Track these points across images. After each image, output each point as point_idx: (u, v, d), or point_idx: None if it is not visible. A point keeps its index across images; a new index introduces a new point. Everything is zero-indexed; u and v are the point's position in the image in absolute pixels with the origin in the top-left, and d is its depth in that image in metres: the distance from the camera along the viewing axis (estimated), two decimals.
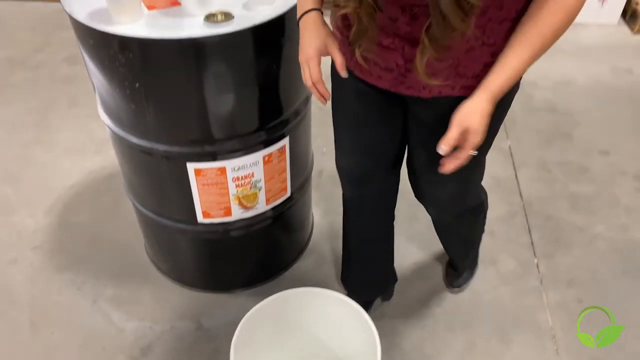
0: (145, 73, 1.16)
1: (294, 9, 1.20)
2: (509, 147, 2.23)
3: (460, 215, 1.39)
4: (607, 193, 2.03)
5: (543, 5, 0.88)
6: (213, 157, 1.32)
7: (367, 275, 1.58)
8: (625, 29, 3.00)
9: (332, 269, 1.76)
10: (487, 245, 1.81)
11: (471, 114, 0.94)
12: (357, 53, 1.01)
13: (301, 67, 1.06)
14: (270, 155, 1.38)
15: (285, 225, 1.66)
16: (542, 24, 0.89)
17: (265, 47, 1.21)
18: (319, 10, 1.06)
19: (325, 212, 1.96)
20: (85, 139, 2.25)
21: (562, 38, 0.91)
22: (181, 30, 1.13)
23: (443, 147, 0.94)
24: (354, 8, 0.92)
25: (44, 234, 1.86)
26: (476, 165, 1.19)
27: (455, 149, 0.97)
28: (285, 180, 1.49)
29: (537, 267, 1.77)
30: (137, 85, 1.18)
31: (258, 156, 1.36)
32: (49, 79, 2.57)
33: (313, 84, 1.05)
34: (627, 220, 1.92)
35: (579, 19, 0.91)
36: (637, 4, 2.94)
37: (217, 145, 1.30)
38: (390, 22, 0.98)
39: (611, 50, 2.82)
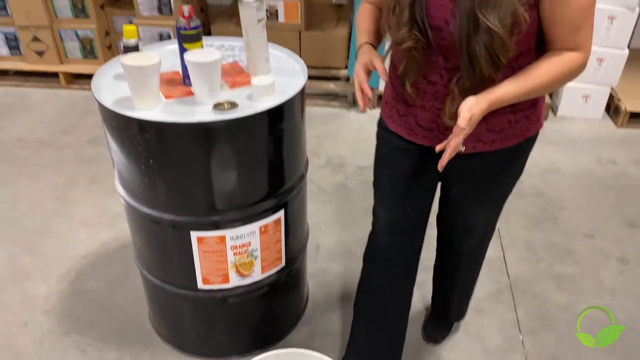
0: (159, 151, 1.34)
1: (290, 100, 1.40)
2: (498, 229, 2.35)
3: (482, 244, 1.58)
4: (592, 274, 2.12)
5: (554, 58, 1.11)
6: (215, 226, 1.47)
7: (379, 337, 1.64)
8: (609, 122, 3.20)
9: (326, 340, 1.84)
10: (474, 321, 1.89)
11: (476, 105, 1.09)
12: (407, 86, 1.22)
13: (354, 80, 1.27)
14: (266, 226, 1.53)
15: (280, 294, 1.76)
16: (545, 71, 1.11)
17: (265, 131, 1.39)
18: (371, 43, 1.29)
19: (321, 284, 2.07)
20: (101, 212, 2.42)
21: (550, 130, 1.12)
22: (192, 116, 1.33)
23: (461, 124, 1.08)
24: (413, 44, 1.13)
25: (55, 300, 1.98)
26: (500, 198, 1.45)
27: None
28: (280, 250, 1.62)
29: (522, 343, 1.83)
30: (151, 161, 1.36)
31: (255, 226, 1.50)
32: (73, 158, 2.79)
33: (359, 89, 1.24)
34: (611, 302, 2.00)
35: (566, 113, 1.13)
36: (619, 100, 3.17)
37: (218, 215, 1.45)
38: (429, 86, 1.21)
39: (596, 142, 3.01)
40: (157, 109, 1.35)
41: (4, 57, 3.49)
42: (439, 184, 1.46)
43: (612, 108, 3.23)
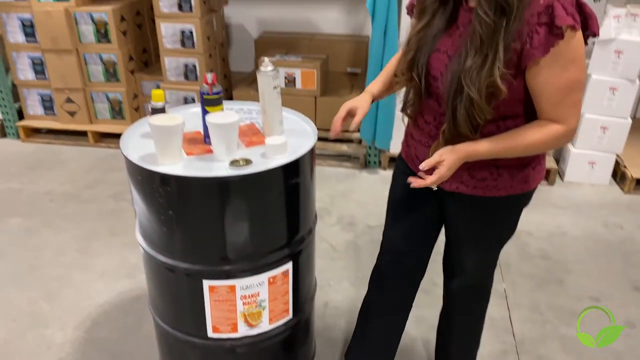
0: (178, 203, 1.46)
1: (300, 159, 1.52)
2: (504, 290, 2.39)
3: (475, 291, 1.66)
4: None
5: (536, 125, 1.23)
6: (226, 275, 1.55)
7: (374, 349, 1.78)
8: (616, 188, 3.27)
9: None
10: None
11: (449, 153, 1.24)
12: (406, 116, 1.45)
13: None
14: (275, 277, 1.61)
15: (287, 347, 1.81)
16: (525, 135, 1.23)
17: (277, 186, 1.51)
18: (372, 94, 1.55)
19: (329, 340, 2.11)
20: (119, 264, 2.52)
21: (558, 194, 1.23)
22: (210, 171, 1.45)
23: (422, 165, 1.26)
24: (405, 81, 1.37)
25: (70, 347, 2.05)
26: (489, 249, 1.54)
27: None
28: (287, 302, 1.69)
29: None
30: (170, 212, 1.47)
31: (264, 277, 1.59)
32: (96, 211, 2.93)
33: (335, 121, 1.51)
34: None
35: (573, 178, 1.25)
36: (625, 167, 3.24)
37: (230, 265, 1.54)
38: (425, 125, 1.40)
39: (603, 207, 3.06)
40: (178, 164, 1.48)
41: (38, 116, 3.74)
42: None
43: (618, 174, 3.31)
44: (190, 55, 3.41)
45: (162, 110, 1.62)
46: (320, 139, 3.41)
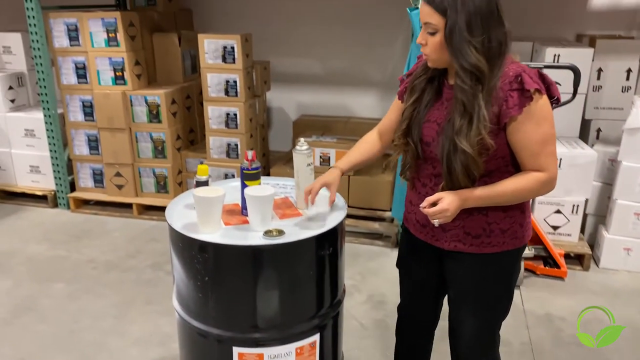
0: (214, 270, 1.55)
1: (330, 231, 1.60)
2: None
3: (472, 350, 1.69)
4: None
5: (521, 174, 1.44)
6: (255, 343, 1.61)
7: None
8: None
9: None
10: None
11: (448, 193, 1.44)
12: (405, 179, 1.64)
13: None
14: (302, 347, 1.65)
15: None
16: (511, 183, 1.44)
17: (307, 257, 1.59)
18: (341, 170, 1.73)
19: None
20: (153, 332, 2.59)
21: (593, 280, 1.30)
22: (245, 240, 1.55)
23: (423, 203, 1.44)
24: (401, 146, 1.57)
25: None
26: (487, 308, 1.63)
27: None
28: None
29: None
30: (206, 278, 1.56)
31: (292, 347, 1.63)
32: (134, 280, 3.05)
33: (307, 193, 1.65)
34: None
35: (608, 265, 1.35)
36: None
37: (259, 333, 1.60)
38: (422, 187, 1.57)
39: None
40: (217, 233, 1.59)
41: (89, 188, 3.99)
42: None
43: None
44: (233, 135, 3.64)
45: (205, 183, 1.76)
46: (352, 216, 3.56)
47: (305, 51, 4.26)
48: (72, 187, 4.04)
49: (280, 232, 1.58)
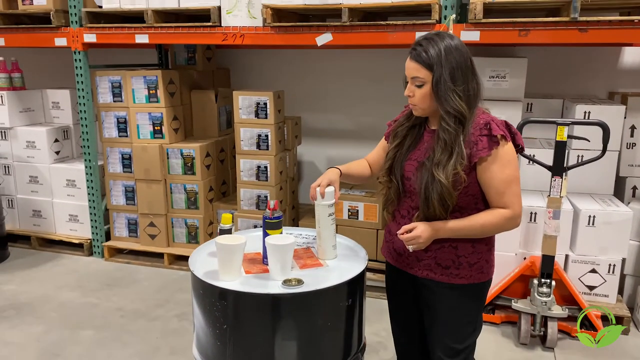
0: (232, 317, 1.57)
1: (349, 282, 1.60)
2: None
3: None
4: None
5: (488, 210, 1.65)
6: None
7: None
8: None
9: None
10: None
11: (422, 224, 1.63)
12: (385, 214, 1.84)
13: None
14: None
15: None
16: (480, 217, 1.64)
17: (325, 307, 1.59)
18: (339, 169, 1.84)
19: None
20: None
21: (633, 344, 1.28)
22: (264, 288, 1.57)
23: (400, 230, 1.65)
24: (385, 183, 1.79)
25: None
26: (455, 333, 1.76)
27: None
28: None
29: None
30: (225, 326, 1.58)
31: None
32: (160, 329, 3.06)
33: (314, 187, 1.76)
34: None
35: None
36: None
37: None
38: (401, 218, 1.75)
39: None
40: (237, 281, 1.61)
41: (123, 238, 4.09)
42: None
43: None
44: (263, 187, 3.71)
45: (229, 232, 1.80)
46: (380, 271, 3.49)
47: (336, 107, 4.37)
48: (108, 236, 4.16)
49: (300, 282, 1.59)
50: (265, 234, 1.73)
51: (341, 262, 1.74)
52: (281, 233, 1.75)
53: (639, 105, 3.27)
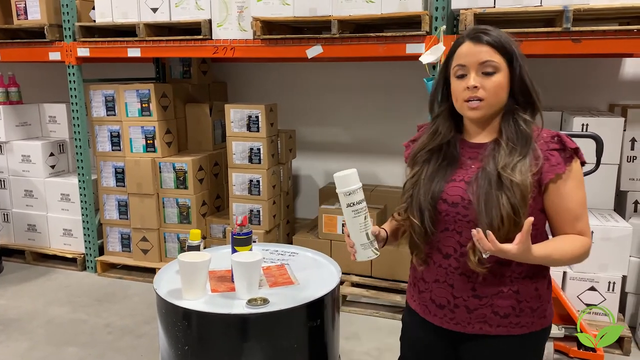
0: (192, 338, 1.50)
1: (318, 301, 1.53)
2: None
3: None
4: None
5: (566, 235, 1.34)
6: None
7: None
8: None
9: None
10: None
11: (522, 248, 1.22)
12: (414, 260, 1.46)
13: None
14: None
15: None
16: (570, 246, 1.32)
17: (289, 327, 1.51)
18: (386, 231, 1.52)
19: None
20: None
21: None
22: (227, 308, 1.50)
23: (479, 232, 1.23)
24: (403, 220, 1.44)
25: None
26: None
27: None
28: None
29: None
30: (186, 347, 1.51)
31: None
32: (146, 347, 3.00)
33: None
34: None
35: None
36: None
37: None
38: (444, 260, 1.39)
39: None
40: (200, 300, 1.55)
41: (116, 252, 4.05)
42: None
43: None
44: (256, 201, 3.66)
45: (196, 248, 1.74)
46: (374, 287, 3.42)
47: (334, 120, 4.32)
48: (102, 251, 4.12)
49: (265, 301, 1.53)
50: (234, 251, 1.67)
51: (313, 280, 1.67)
52: (250, 249, 1.69)
53: (639, 117, 3.17)
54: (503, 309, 1.36)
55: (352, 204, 1.40)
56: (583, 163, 1.38)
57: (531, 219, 1.21)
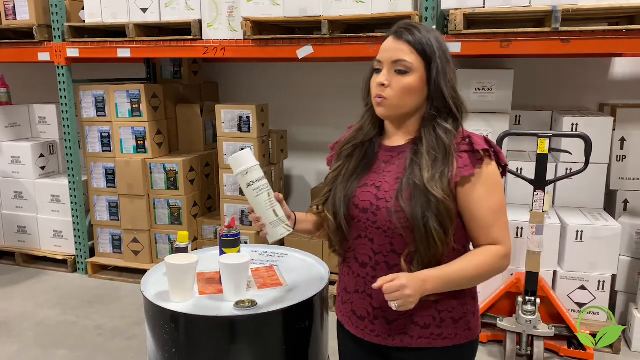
0: (180, 341, 1.49)
1: (306, 302, 1.53)
2: None
3: None
4: None
5: (477, 249, 1.30)
6: None
7: None
8: None
9: None
10: None
11: (405, 275, 1.21)
12: (337, 253, 1.43)
13: None
14: None
15: None
16: (470, 259, 1.28)
17: (277, 329, 1.51)
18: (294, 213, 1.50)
19: None
20: None
21: None
22: (213, 310, 1.49)
23: (378, 282, 1.21)
24: (317, 214, 1.47)
25: None
26: None
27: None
28: None
29: None
30: (173, 350, 1.50)
31: None
32: (137, 349, 2.98)
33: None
34: None
35: None
36: None
37: None
38: (361, 269, 1.35)
39: None
40: (188, 302, 1.54)
41: (107, 254, 4.03)
42: None
43: None
44: (247, 202, 3.64)
45: (184, 250, 1.73)
46: None
47: (326, 120, 4.31)
48: (93, 253, 4.10)
49: (253, 303, 1.52)
50: (222, 252, 1.66)
51: (302, 281, 1.66)
52: (239, 251, 1.68)
53: (628, 116, 3.19)
54: (423, 318, 1.31)
55: (251, 183, 1.41)
56: (503, 166, 1.33)
57: (385, 278, 1.20)
